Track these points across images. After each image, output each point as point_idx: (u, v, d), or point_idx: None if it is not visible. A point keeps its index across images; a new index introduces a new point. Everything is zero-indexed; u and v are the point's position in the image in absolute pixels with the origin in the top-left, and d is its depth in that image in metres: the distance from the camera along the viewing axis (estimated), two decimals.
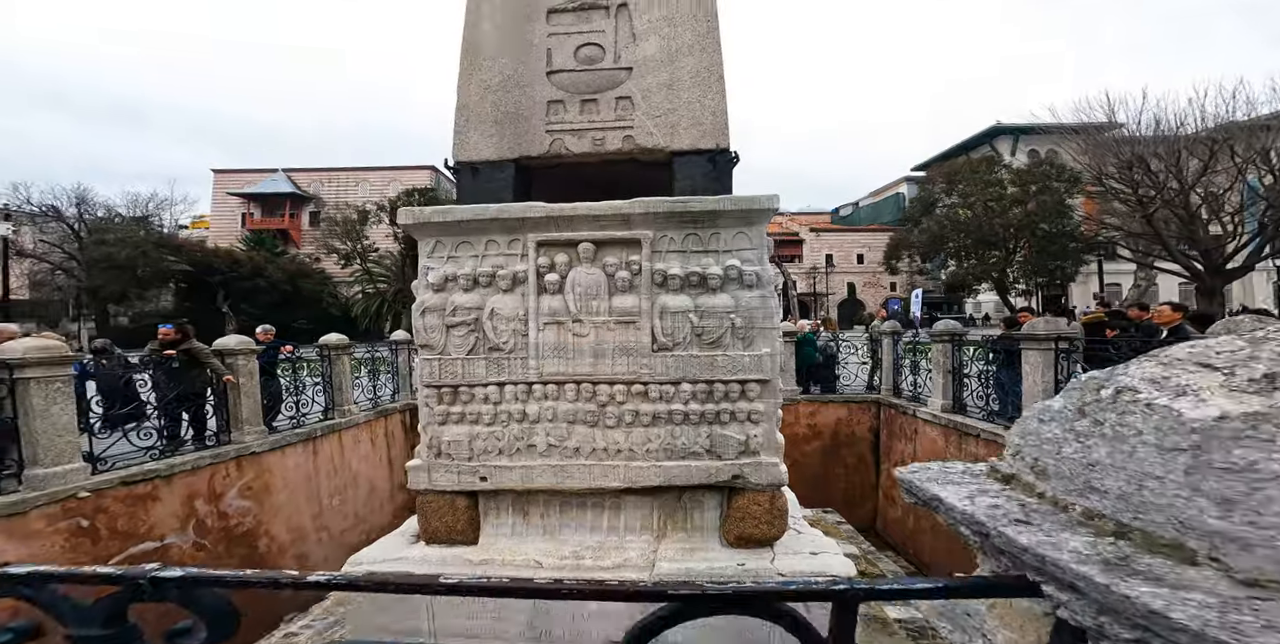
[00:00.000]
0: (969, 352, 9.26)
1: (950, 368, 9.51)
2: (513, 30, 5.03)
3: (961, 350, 9.36)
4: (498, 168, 4.71)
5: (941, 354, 9.60)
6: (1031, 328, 7.37)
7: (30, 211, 32.90)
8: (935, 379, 9.81)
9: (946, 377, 9.53)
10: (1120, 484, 0.66)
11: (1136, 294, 26.62)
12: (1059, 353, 7.04)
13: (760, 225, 4.40)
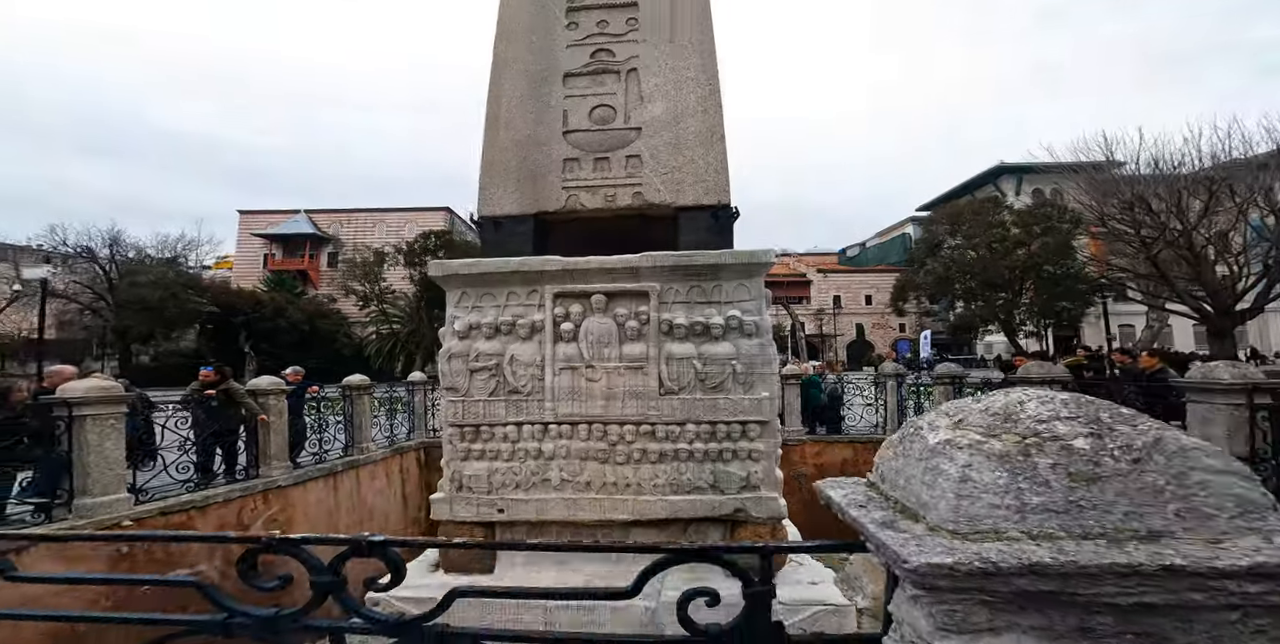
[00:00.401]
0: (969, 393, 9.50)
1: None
2: (533, 92, 5.54)
3: (962, 392, 9.59)
4: (518, 222, 5.14)
5: (943, 396, 9.83)
6: (1025, 371, 7.65)
7: (65, 253, 34.33)
8: None
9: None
10: (903, 481, 1.03)
11: (1150, 335, 26.44)
12: None
13: (759, 277, 4.81)
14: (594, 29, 5.74)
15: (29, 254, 37.20)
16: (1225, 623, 0.81)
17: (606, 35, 5.70)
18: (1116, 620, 0.79)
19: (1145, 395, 6.55)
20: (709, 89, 5.35)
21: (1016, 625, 0.81)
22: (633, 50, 5.59)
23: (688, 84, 5.36)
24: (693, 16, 5.60)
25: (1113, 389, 7.20)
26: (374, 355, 36.21)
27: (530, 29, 5.77)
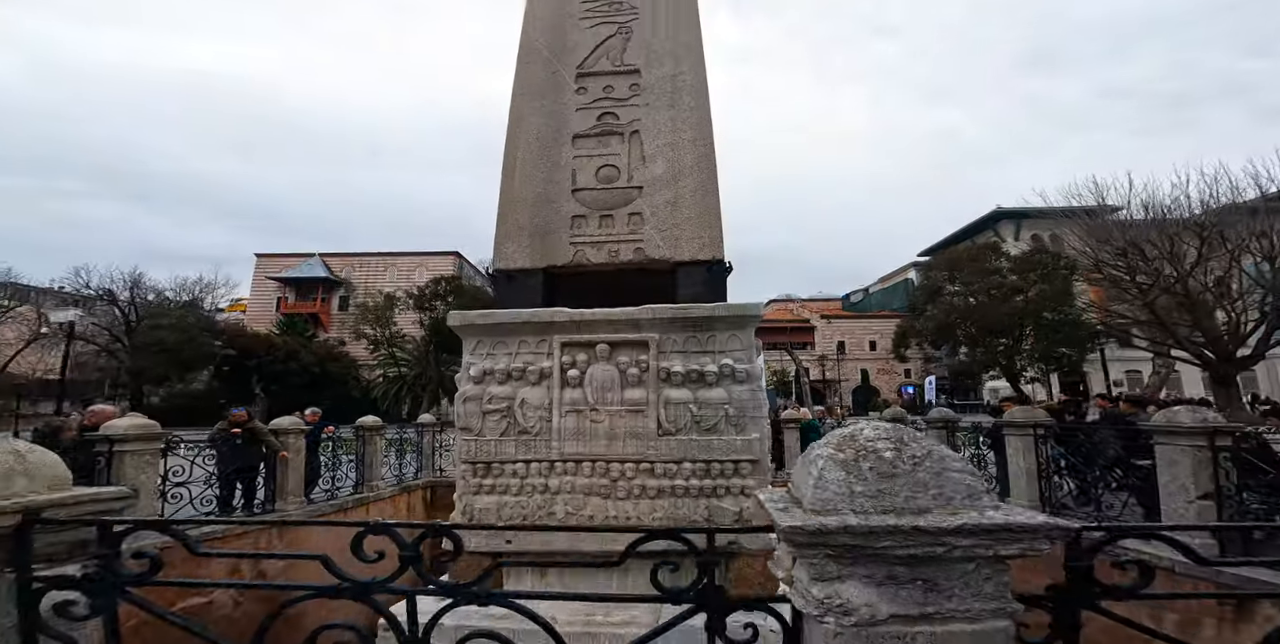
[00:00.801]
0: (961, 437, 9.83)
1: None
2: (544, 152, 6.06)
3: (955, 436, 9.91)
4: (530, 275, 5.59)
5: (937, 439, 10.12)
6: (1010, 416, 8.01)
7: (87, 295, 35.43)
8: None
9: None
10: (796, 482, 1.43)
11: (1157, 381, 26.37)
12: (1037, 437, 7.64)
13: (750, 329, 5.24)
14: (601, 93, 6.32)
15: (50, 296, 38.28)
16: (967, 572, 1.22)
17: (612, 99, 6.27)
18: (908, 570, 1.21)
19: (1121, 438, 6.91)
20: (704, 150, 5.85)
21: (854, 574, 1.22)
22: (635, 114, 6.13)
23: (685, 146, 5.86)
24: (691, 84, 6.15)
25: (1088, 432, 7.55)
26: (381, 397, 36.61)
27: (543, 93, 6.35)
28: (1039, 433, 7.61)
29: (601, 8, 6.94)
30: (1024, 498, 7.55)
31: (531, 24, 6.86)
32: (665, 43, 6.49)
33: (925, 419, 10.96)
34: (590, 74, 6.47)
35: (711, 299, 5.27)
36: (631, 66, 6.41)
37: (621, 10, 6.87)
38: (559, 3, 6.96)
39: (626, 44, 6.66)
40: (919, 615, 1.18)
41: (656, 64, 6.36)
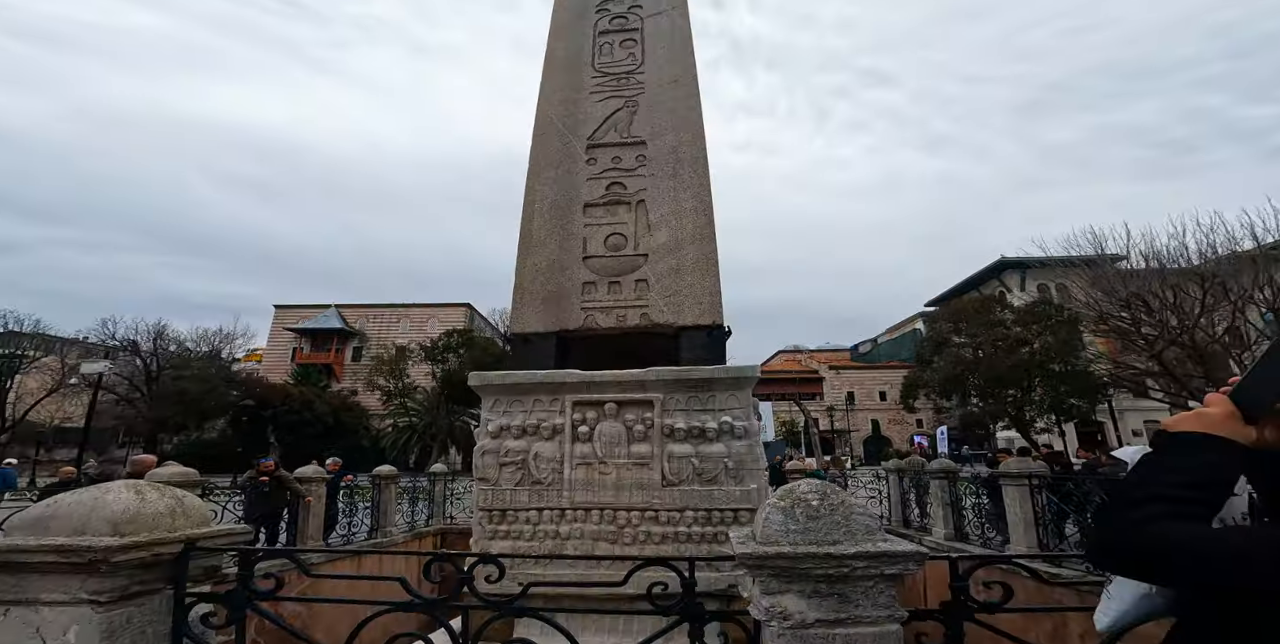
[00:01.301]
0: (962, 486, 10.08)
1: (949, 501, 10.25)
2: (557, 221, 6.54)
3: (955, 485, 10.15)
4: (544, 338, 6.05)
5: (940, 489, 10.35)
6: (1006, 467, 8.32)
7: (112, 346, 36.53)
8: (936, 511, 10.50)
9: (946, 509, 10.24)
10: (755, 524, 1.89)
11: None
12: (1033, 487, 7.93)
13: (747, 389, 5.65)
14: (609, 164, 6.83)
15: (75, 346, 39.31)
16: (868, 587, 1.66)
17: (620, 170, 6.78)
18: (827, 586, 1.65)
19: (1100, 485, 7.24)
20: (705, 219, 6.31)
21: (790, 589, 1.66)
22: (641, 183, 6.62)
23: (687, 215, 6.33)
24: (691, 156, 6.67)
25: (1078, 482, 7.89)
26: (389, 446, 36.84)
27: (556, 164, 6.88)
28: (1034, 483, 7.91)
29: (610, 83, 7.58)
30: (1023, 545, 7.78)
31: (547, 99, 7.50)
32: (667, 116, 7.02)
33: (927, 469, 11.20)
34: (600, 145, 6.98)
35: (711, 361, 5.68)
36: (638, 138, 6.93)
37: (629, 85, 7.49)
38: (573, 78, 7.62)
39: (633, 117, 7.20)
40: (835, 620, 1.61)
41: (660, 136, 6.87)
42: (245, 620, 1.87)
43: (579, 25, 8.14)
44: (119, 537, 1.67)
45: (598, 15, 8.24)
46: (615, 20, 8.15)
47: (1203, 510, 1.00)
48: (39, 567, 1.65)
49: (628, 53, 7.81)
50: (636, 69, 7.63)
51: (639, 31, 8.01)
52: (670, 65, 7.54)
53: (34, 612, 1.63)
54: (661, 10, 8.02)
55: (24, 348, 36.37)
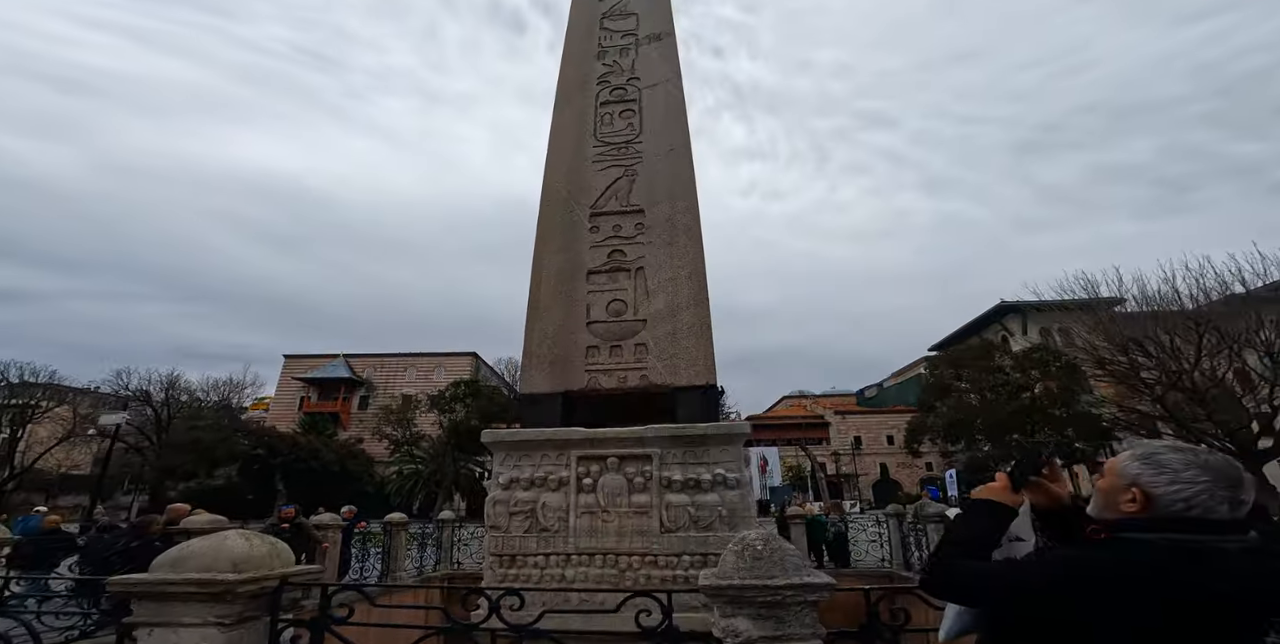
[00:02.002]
0: None
1: None
2: (563, 288, 7.00)
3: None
4: (550, 398, 6.54)
5: (935, 532, 10.65)
6: None
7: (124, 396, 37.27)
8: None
9: None
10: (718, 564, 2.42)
11: None
12: None
13: (738, 444, 6.10)
14: (611, 232, 7.30)
15: (87, 396, 40.02)
16: (796, 611, 2.16)
17: (620, 238, 7.25)
18: (767, 610, 2.17)
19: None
20: (698, 286, 6.79)
21: (740, 613, 2.18)
22: (640, 251, 7.09)
23: (683, 282, 6.80)
24: (686, 224, 7.15)
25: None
26: (394, 493, 36.97)
27: (562, 232, 7.37)
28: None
29: (611, 152, 8.05)
30: None
31: (553, 169, 8.05)
32: (664, 185, 7.50)
33: (922, 514, 11.48)
34: (602, 213, 7.46)
35: (705, 418, 6.13)
36: (637, 206, 7.42)
37: (628, 154, 7.97)
38: (577, 149, 8.14)
39: (632, 185, 7.66)
40: (773, 637, 2.11)
41: (657, 205, 7.35)
42: (324, 642, 2.38)
43: (582, 96, 8.71)
44: (238, 573, 2.20)
45: (599, 87, 8.83)
46: (615, 91, 8.72)
47: (981, 551, 1.56)
48: (179, 595, 2.17)
49: (627, 123, 8.35)
50: (635, 138, 8.13)
51: (637, 103, 8.54)
52: (666, 135, 8.03)
53: (173, 632, 2.14)
54: (658, 82, 8.60)
55: (37, 398, 37.13)
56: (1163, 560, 1.28)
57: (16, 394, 36.65)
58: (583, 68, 9.11)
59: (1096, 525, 1.45)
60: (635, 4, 9.74)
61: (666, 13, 9.52)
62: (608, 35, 9.48)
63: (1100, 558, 1.34)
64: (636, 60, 9.00)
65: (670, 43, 9.12)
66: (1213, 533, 1.30)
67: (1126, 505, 1.40)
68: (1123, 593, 1.27)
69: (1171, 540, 1.29)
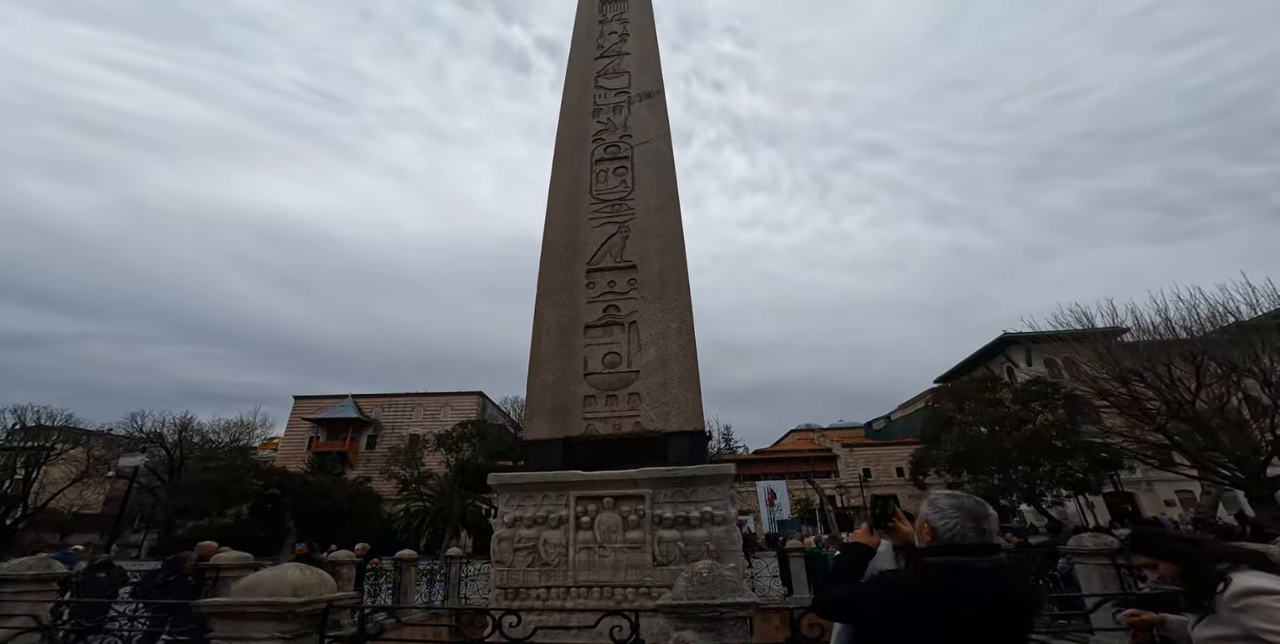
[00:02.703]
0: None
1: None
2: (563, 342, 7.50)
3: None
4: (552, 444, 7.09)
5: None
6: None
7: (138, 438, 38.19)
8: None
9: None
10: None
11: (1210, 501, 25.57)
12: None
13: (725, 484, 6.57)
14: (606, 287, 7.78)
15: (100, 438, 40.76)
16: (732, 624, 2.72)
17: (614, 293, 7.74)
18: (710, 623, 2.75)
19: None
20: (687, 338, 7.30)
21: (690, 626, 2.74)
22: (633, 306, 7.59)
23: (672, 335, 7.31)
24: (675, 280, 7.65)
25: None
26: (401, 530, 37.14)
27: (561, 288, 7.85)
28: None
29: (606, 210, 8.52)
30: None
31: (553, 226, 8.53)
32: (655, 242, 7.99)
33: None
34: (598, 270, 7.97)
35: (694, 460, 6.64)
36: (629, 263, 7.92)
37: (622, 211, 8.42)
38: (574, 208, 8.61)
39: (625, 241, 8.13)
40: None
41: (648, 262, 7.87)
42: None
43: (578, 154, 9.19)
44: (297, 597, 2.80)
45: (594, 144, 9.31)
46: (609, 148, 9.20)
47: (851, 580, 2.15)
48: (252, 615, 2.77)
49: (620, 180, 8.82)
50: (628, 196, 8.57)
51: (629, 160, 9.00)
52: (656, 193, 8.46)
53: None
54: (648, 140, 9.07)
55: (53, 440, 37.94)
56: (943, 575, 1.88)
57: (32, 437, 37.55)
58: (579, 125, 9.59)
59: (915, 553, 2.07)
60: (628, 62, 10.31)
61: (657, 72, 10.06)
62: (602, 93, 10.00)
63: (907, 577, 1.95)
64: (629, 117, 9.49)
65: (660, 100, 9.61)
66: (969, 554, 1.90)
67: (924, 537, 2.01)
68: (922, 600, 1.86)
69: (949, 561, 1.90)
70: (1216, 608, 2.05)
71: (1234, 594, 2.00)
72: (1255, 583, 1.98)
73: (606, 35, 10.96)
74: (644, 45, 10.55)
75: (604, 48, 10.74)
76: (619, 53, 10.58)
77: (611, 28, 11.06)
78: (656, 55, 10.39)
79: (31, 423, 37.42)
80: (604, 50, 10.70)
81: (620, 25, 11.02)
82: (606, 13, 11.33)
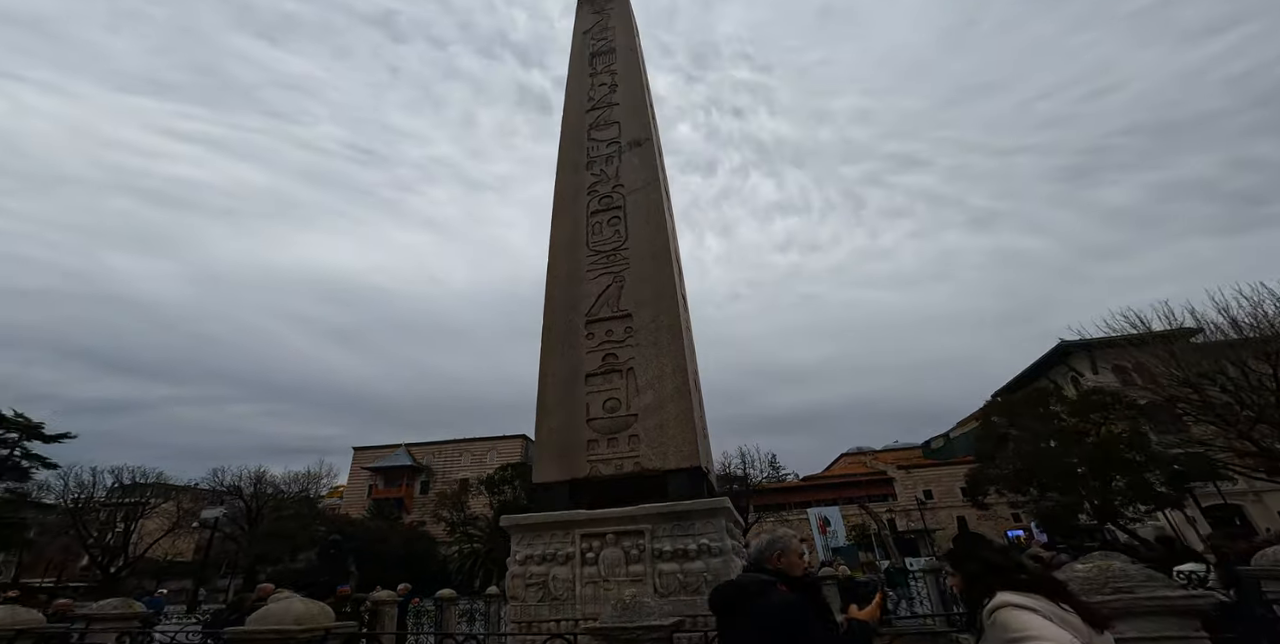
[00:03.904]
0: None
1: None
2: (566, 390, 7.90)
3: None
4: (558, 486, 7.59)
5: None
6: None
7: (220, 491, 41.51)
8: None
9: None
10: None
11: None
12: None
13: (720, 518, 6.83)
14: (604, 337, 8.13)
15: (187, 492, 44.31)
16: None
17: (611, 342, 8.09)
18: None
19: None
20: (681, 380, 7.60)
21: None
22: (630, 353, 7.93)
23: (667, 378, 7.64)
24: (668, 325, 7.98)
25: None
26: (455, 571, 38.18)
27: (562, 341, 8.25)
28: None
29: (602, 261, 8.85)
30: None
31: (554, 280, 8.95)
32: (649, 290, 8.28)
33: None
34: (596, 320, 8.30)
35: (692, 496, 6.96)
36: (625, 311, 8.26)
37: (616, 261, 8.73)
38: (572, 261, 8.99)
39: (621, 291, 8.45)
40: None
41: (642, 309, 8.20)
42: None
43: (574, 208, 9.56)
44: (299, 625, 3.46)
45: (589, 197, 9.65)
46: (603, 200, 9.52)
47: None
48: (261, 640, 3.45)
49: (614, 230, 9.10)
50: (622, 245, 8.84)
51: (622, 209, 9.24)
52: (649, 240, 8.71)
53: None
54: (639, 187, 9.38)
55: (147, 496, 41.66)
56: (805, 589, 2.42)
57: (129, 493, 41.82)
58: (574, 179, 10.00)
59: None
60: (617, 113, 10.69)
61: (645, 120, 10.37)
62: (595, 145, 10.39)
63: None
64: (620, 167, 9.82)
65: (649, 147, 9.92)
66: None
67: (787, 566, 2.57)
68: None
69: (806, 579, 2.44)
70: (985, 625, 2.11)
71: (988, 611, 2.10)
72: (1004, 597, 2.07)
73: (597, 87, 11.43)
74: (632, 93, 10.92)
75: (595, 100, 11.19)
76: (609, 103, 10.97)
77: (601, 80, 11.52)
78: (644, 103, 10.73)
79: (128, 481, 41.49)
80: (595, 102, 11.14)
81: (609, 76, 11.47)
82: (596, 66, 11.87)
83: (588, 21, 13.01)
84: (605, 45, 12.15)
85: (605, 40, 12.28)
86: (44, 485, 38.70)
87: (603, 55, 11.96)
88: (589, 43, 12.43)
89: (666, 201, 10.22)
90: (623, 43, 11.98)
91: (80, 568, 46.62)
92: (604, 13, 12.99)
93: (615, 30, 12.37)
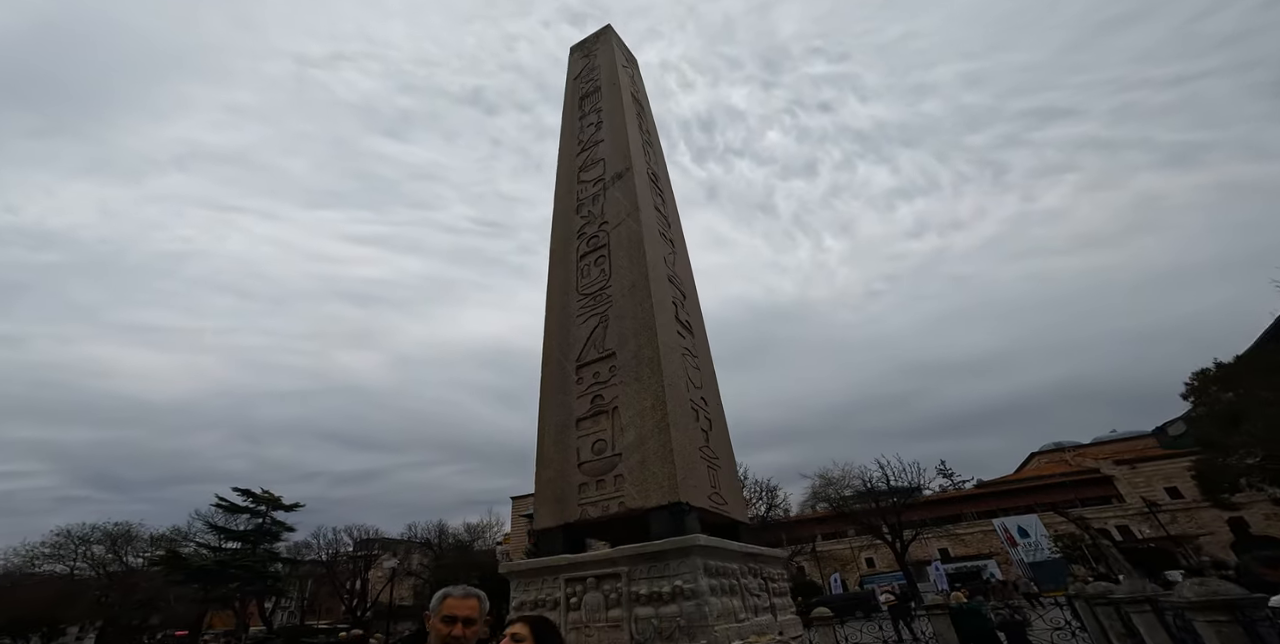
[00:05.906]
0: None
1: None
2: (560, 438, 8.07)
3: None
4: (555, 531, 7.82)
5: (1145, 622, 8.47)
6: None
7: (415, 543, 48.16)
8: None
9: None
10: None
11: None
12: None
13: (693, 556, 6.64)
14: (591, 379, 8.19)
15: (401, 544, 51.73)
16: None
17: (598, 383, 8.15)
18: None
19: None
20: (660, 414, 7.51)
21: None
22: (615, 392, 7.94)
23: (648, 413, 7.58)
24: (649, 358, 7.93)
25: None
26: None
27: (557, 390, 8.41)
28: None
29: (589, 303, 8.90)
30: None
31: (550, 330, 9.15)
32: (630, 324, 8.26)
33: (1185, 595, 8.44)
34: (585, 364, 8.38)
35: (673, 532, 6.87)
36: (609, 351, 8.28)
37: (602, 301, 8.75)
38: (564, 308, 9.17)
39: (606, 331, 8.49)
40: None
41: (625, 344, 8.19)
42: None
43: (566, 255, 9.71)
44: None
45: (578, 241, 9.75)
46: (590, 241, 9.60)
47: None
48: None
49: (600, 270, 9.06)
50: (606, 284, 8.83)
51: (606, 247, 9.18)
52: (630, 271, 8.66)
53: None
54: (621, 220, 9.35)
55: (374, 549, 49.30)
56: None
57: (362, 548, 49.79)
58: (566, 225, 10.19)
59: None
60: (602, 150, 10.77)
61: (625, 151, 10.30)
62: (584, 187, 10.53)
63: None
64: (605, 204, 9.88)
65: (629, 177, 9.85)
66: None
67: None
68: None
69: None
70: None
71: None
72: None
73: (585, 128, 11.65)
74: (615, 127, 10.95)
75: (583, 141, 11.41)
76: (595, 142, 11.13)
77: (589, 120, 11.73)
78: (625, 134, 10.67)
79: (360, 538, 48.55)
80: (583, 143, 11.36)
81: (595, 115, 11.65)
82: (585, 107, 12.14)
83: (577, 67, 13.57)
84: (592, 86, 12.50)
85: (592, 81, 12.65)
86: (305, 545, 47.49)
87: (590, 96, 12.26)
88: (578, 87, 12.89)
89: (657, 223, 10.16)
90: (607, 78, 12.23)
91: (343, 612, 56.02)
92: (591, 55, 13.46)
93: (600, 69, 12.69)
